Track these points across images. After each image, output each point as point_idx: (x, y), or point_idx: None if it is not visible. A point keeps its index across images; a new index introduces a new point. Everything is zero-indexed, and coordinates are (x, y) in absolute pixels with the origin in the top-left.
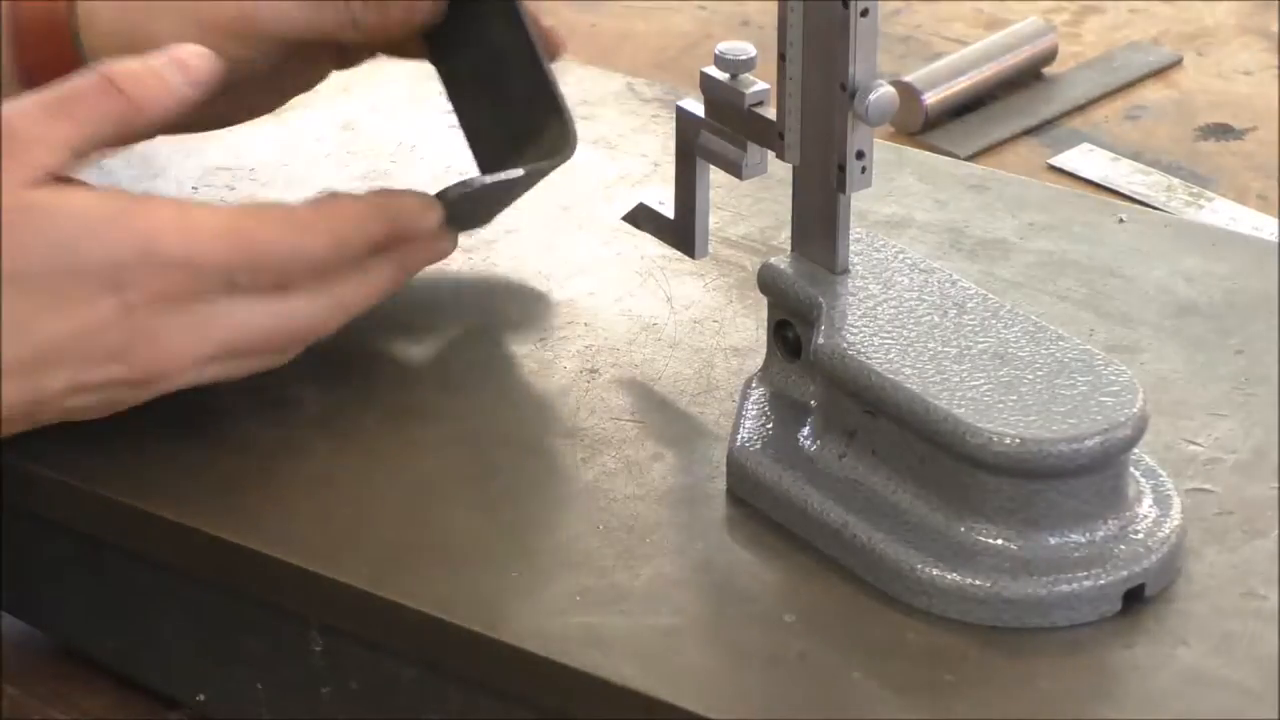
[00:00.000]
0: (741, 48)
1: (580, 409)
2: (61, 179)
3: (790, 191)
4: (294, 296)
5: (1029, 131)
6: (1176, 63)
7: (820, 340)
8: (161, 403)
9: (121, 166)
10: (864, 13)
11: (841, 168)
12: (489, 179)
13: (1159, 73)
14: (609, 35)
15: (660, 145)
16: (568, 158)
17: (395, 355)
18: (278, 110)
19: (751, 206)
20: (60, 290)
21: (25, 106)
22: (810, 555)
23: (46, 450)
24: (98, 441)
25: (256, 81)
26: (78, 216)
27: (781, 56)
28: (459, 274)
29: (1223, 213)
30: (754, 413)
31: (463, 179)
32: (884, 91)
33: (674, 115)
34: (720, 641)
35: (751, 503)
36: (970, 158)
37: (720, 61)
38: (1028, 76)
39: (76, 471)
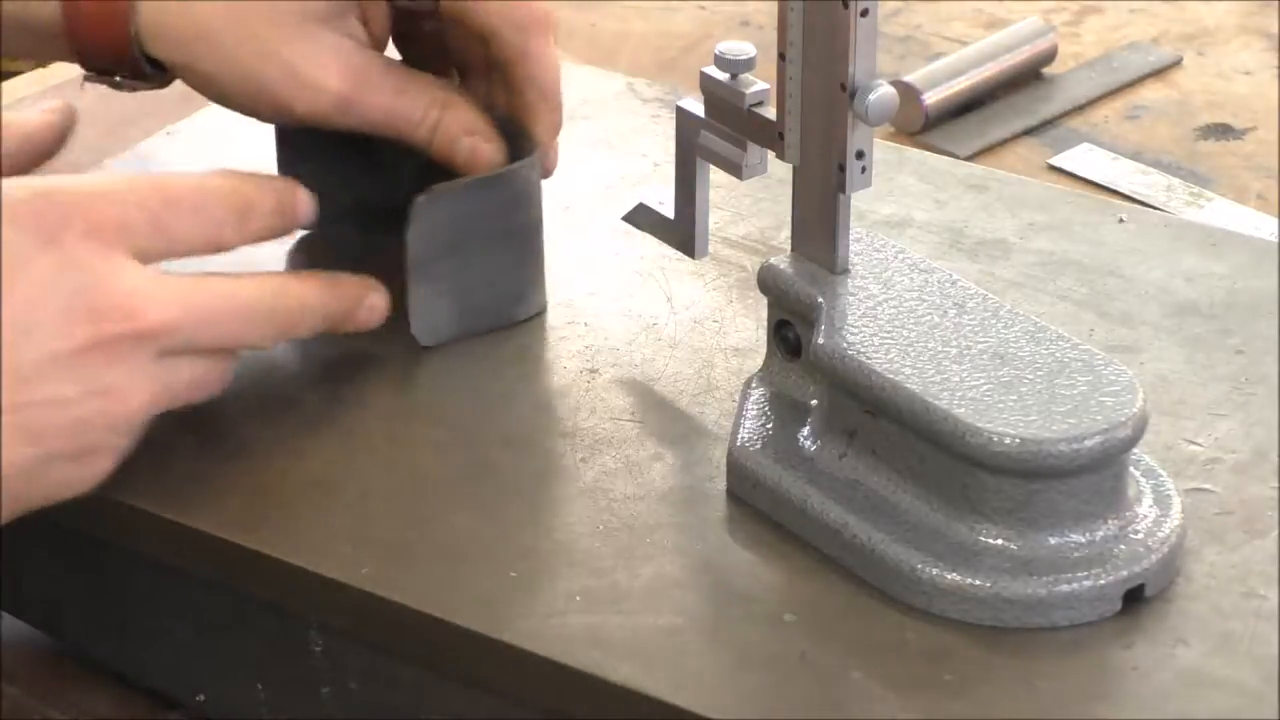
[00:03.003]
0: (741, 48)
1: (580, 409)
2: None
3: (790, 191)
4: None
5: (1029, 131)
6: (1176, 63)
7: (820, 340)
8: None
9: None
10: (864, 13)
11: (841, 168)
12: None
13: (1159, 73)
14: (609, 35)
15: (660, 145)
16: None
17: (395, 355)
18: None
19: (751, 206)
20: None
21: None
22: (810, 555)
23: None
24: None
25: None
26: None
27: (781, 56)
28: None
29: (1222, 213)
30: (754, 413)
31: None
32: (884, 91)
33: (674, 115)
34: (720, 641)
35: (751, 503)
36: (970, 158)
37: (720, 61)
38: (1028, 76)
39: None
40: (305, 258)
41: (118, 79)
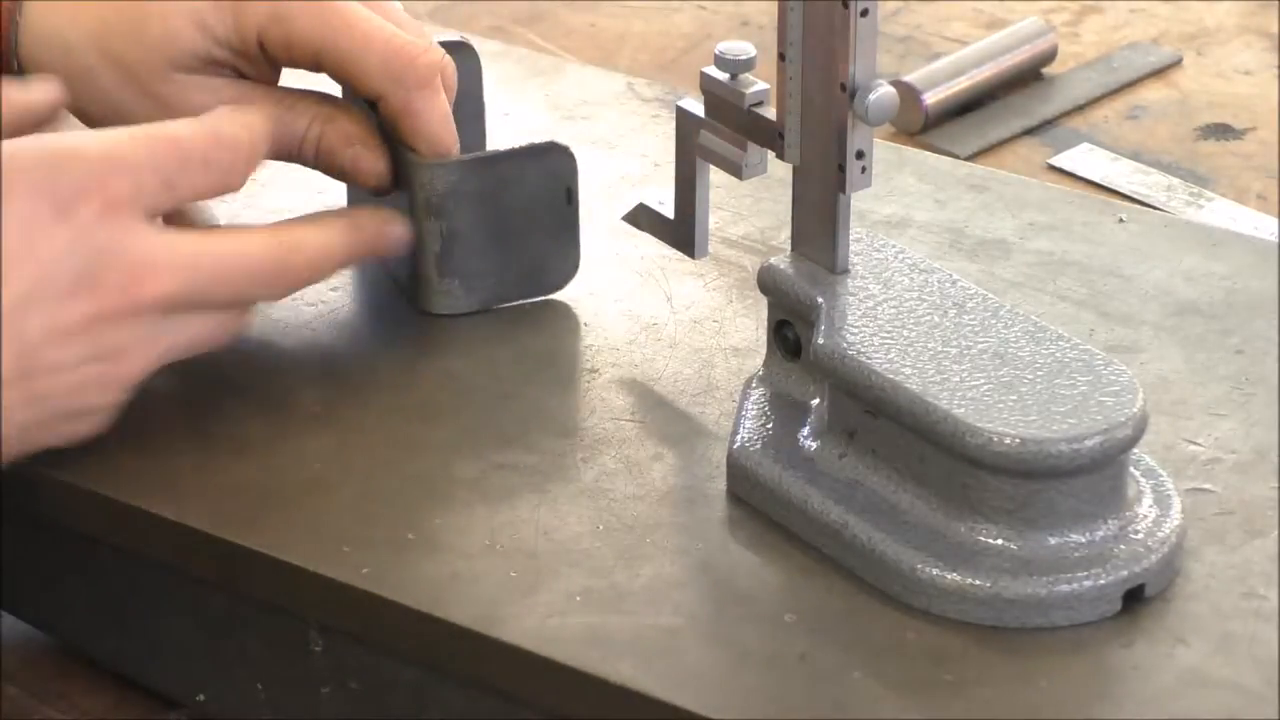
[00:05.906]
0: (741, 48)
1: (580, 409)
2: None
3: (790, 191)
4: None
5: (1029, 131)
6: (1176, 63)
7: (820, 340)
8: (160, 402)
9: None
10: (864, 13)
11: (841, 168)
12: (470, 156)
13: (1159, 73)
14: (609, 35)
15: (660, 145)
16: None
17: (395, 355)
18: None
19: (751, 206)
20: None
21: None
22: (810, 555)
23: (46, 450)
24: (97, 441)
25: None
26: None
27: (781, 56)
28: None
29: (1222, 213)
30: (754, 413)
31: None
32: (884, 91)
33: (674, 115)
34: (720, 641)
35: (751, 503)
36: (970, 158)
37: (720, 61)
38: (1028, 76)
39: (76, 471)
40: None
41: None
